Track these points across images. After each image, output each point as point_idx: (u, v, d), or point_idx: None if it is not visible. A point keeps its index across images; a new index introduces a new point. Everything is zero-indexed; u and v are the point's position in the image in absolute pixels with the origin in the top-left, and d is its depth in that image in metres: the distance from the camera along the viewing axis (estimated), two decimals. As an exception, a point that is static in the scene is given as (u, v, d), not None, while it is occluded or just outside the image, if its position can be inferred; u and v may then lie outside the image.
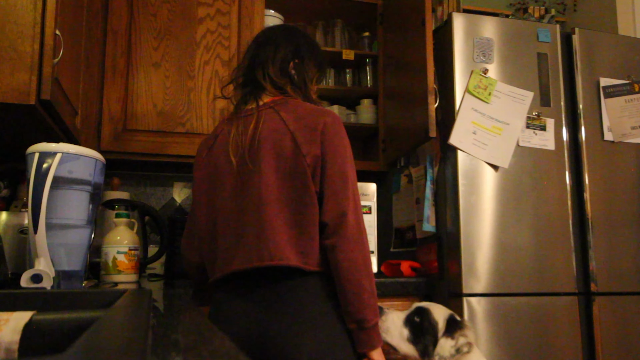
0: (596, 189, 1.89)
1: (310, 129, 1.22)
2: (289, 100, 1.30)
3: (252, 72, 1.35)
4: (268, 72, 1.32)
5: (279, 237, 1.17)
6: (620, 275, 1.87)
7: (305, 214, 1.19)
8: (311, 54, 1.39)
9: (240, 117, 1.31)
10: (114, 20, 1.98)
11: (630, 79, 2.00)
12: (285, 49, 1.35)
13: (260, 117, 1.27)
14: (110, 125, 1.94)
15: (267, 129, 1.24)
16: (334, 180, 1.20)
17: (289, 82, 1.34)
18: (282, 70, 1.33)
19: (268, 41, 1.37)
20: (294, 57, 1.35)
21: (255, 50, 1.37)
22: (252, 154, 1.24)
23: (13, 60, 1.16)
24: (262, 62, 1.33)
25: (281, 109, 1.26)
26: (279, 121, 1.24)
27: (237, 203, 1.25)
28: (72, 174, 1.13)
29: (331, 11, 2.46)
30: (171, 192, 2.33)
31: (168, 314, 0.86)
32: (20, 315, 0.62)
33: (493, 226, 1.77)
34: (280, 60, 1.33)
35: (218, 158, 1.31)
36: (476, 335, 1.70)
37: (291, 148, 1.21)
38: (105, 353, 0.35)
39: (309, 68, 1.38)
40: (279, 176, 1.21)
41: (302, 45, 1.38)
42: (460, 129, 1.80)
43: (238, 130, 1.29)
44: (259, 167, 1.22)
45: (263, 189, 1.20)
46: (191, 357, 0.45)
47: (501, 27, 1.91)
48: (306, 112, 1.26)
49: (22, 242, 1.47)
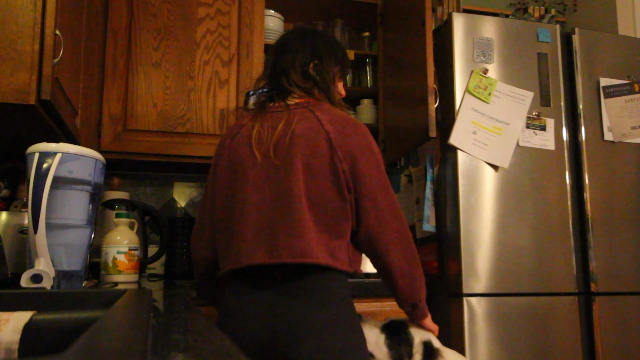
0: (596, 189, 1.89)
1: (345, 136, 1.24)
2: (320, 103, 1.32)
3: (276, 80, 1.36)
4: (292, 79, 1.33)
5: (309, 235, 1.18)
6: (620, 275, 1.87)
7: (336, 216, 1.21)
8: (330, 52, 1.39)
9: (266, 113, 1.32)
10: (114, 20, 1.98)
11: (630, 79, 2.00)
12: (303, 52, 1.36)
13: (292, 115, 1.27)
14: (110, 125, 1.94)
15: (301, 127, 1.24)
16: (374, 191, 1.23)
17: (315, 85, 1.34)
18: (304, 74, 1.34)
19: (285, 49, 1.38)
20: (313, 58, 1.36)
21: (274, 60, 1.38)
22: (280, 150, 1.24)
23: (13, 60, 1.16)
24: (284, 70, 1.35)
25: (315, 109, 1.27)
26: (314, 120, 1.25)
27: (260, 196, 1.24)
28: (72, 174, 1.13)
29: (331, 11, 2.46)
30: (171, 192, 2.33)
31: (168, 314, 0.86)
32: (20, 315, 0.63)
33: (493, 226, 1.77)
34: (301, 64, 1.34)
35: (242, 148, 1.30)
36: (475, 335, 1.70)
37: (326, 147, 1.22)
38: (105, 353, 0.35)
39: (329, 67, 1.37)
40: (311, 174, 1.21)
41: (318, 44, 1.38)
42: (460, 129, 1.80)
43: (263, 125, 1.29)
44: (290, 164, 1.22)
45: (294, 186, 1.20)
46: (191, 357, 0.45)
47: (501, 27, 1.91)
48: (340, 118, 1.28)
49: (22, 242, 1.47)
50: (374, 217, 1.22)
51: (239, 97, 2.06)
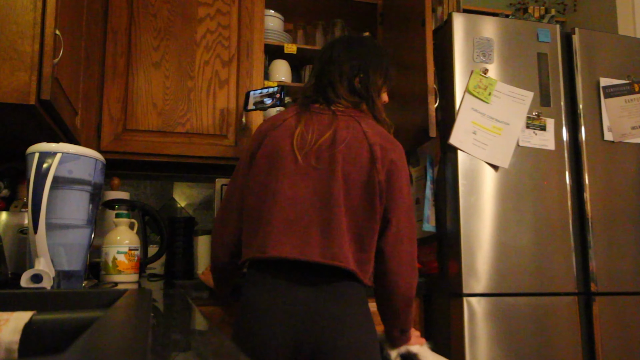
0: (596, 189, 1.89)
1: (386, 150, 1.28)
2: (366, 116, 1.35)
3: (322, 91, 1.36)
4: (338, 93, 1.35)
5: (343, 240, 1.21)
6: (620, 275, 1.87)
7: (367, 226, 1.24)
8: (376, 65, 1.40)
9: (312, 113, 1.33)
10: (114, 20, 1.98)
11: (630, 79, 2.00)
12: (349, 66, 1.36)
13: (340, 122, 1.30)
14: (110, 125, 1.94)
15: (346, 135, 1.27)
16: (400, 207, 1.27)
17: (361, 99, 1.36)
18: (351, 88, 1.36)
19: (331, 60, 1.38)
20: (359, 71, 1.37)
21: (320, 70, 1.40)
22: (323, 153, 1.26)
23: (13, 60, 1.16)
24: (330, 82, 1.36)
25: (362, 121, 1.31)
26: (359, 130, 1.28)
27: (296, 192, 1.25)
28: (72, 174, 1.13)
29: (331, 11, 2.46)
30: (171, 192, 2.33)
31: (168, 314, 0.86)
32: (20, 315, 0.62)
33: (493, 226, 1.77)
34: (347, 79, 1.36)
35: (283, 141, 1.30)
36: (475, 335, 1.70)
37: (368, 159, 1.25)
38: (105, 353, 0.35)
39: (374, 79, 1.38)
40: (350, 183, 1.24)
41: (364, 56, 1.39)
42: (460, 129, 1.80)
43: (308, 126, 1.30)
44: (331, 169, 1.24)
45: (335, 191, 1.23)
46: (191, 357, 0.45)
47: (501, 27, 1.91)
48: (384, 134, 1.32)
49: (22, 242, 1.47)
50: (394, 232, 1.26)
51: (239, 97, 2.06)
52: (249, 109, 1.91)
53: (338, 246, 1.19)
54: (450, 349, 1.76)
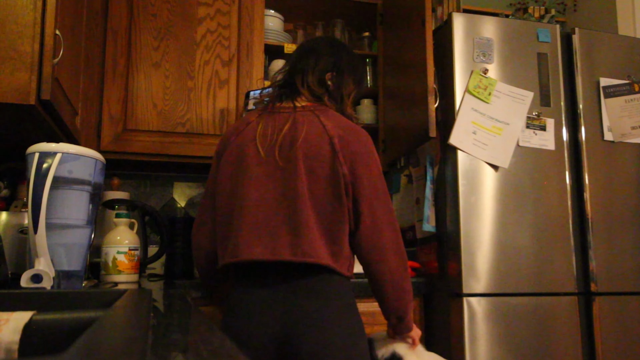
0: (596, 189, 1.89)
1: (347, 142, 1.27)
2: (327, 108, 1.35)
3: (291, 77, 1.39)
4: (307, 80, 1.37)
5: (312, 236, 1.21)
6: (620, 275, 1.87)
7: (335, 220, 1.24)
8: (351, 70, 1.43)
9: (273, 113, 1.34)
10: (114, 20, 1.98)
11: (630, 79, 2.00)
12: (326, 60, 1.40)
13: (298, 118, 1.31)
14: (110, 125, 1.94)
15: (305, 131, 1.28)
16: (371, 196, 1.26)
17: (326, 92, 1.38)
18: (320, 80, 1.38)
19: (311, 51, 1.42)
20: (333, 68, 1.40)
21: (297, 58, 1.42)
22: (284, 151, 1.27)
23: (13, 60, 1.16)
24: (302, 70, 1.38)
25: (321, 114, 1.31)
26: (319, 125, 1.29)
27: (261, 193, 1.26)
28: (72, 174, 1.13)
29: (331, 11, 2.46)
30: (171, 192, 2.33)
31: (168, 314, 0.86)
32: (20, 315, 0.62)
33: (493, 226, 1.77)
34: (320, 70, 1.38)
35: (247, 146, 1.32)
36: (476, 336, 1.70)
37: (329, 153, 1.25)
38: (105, 353, 0.35)
39: (347, 83, 1.42)
40: (314, 178, 1.24)
41: (343, 59, 1.42)
42: (460, 129, 1.80)
43: (268, 124, 1.32)
44: (293, 166, 1.25)
45: (299, 187, 1.23)
46: (191, 357, 0.45)
47: (501, 27, 1.91)
48: (345, 124, 1.31)
49: (22, 242, 1.47)
50: (370, 222, 1.25)
51: (239, 97, 2.06)
52: (249, 109, 1.91)
53: (308, 243, 1.20)
54: (450, 349, 1.76)
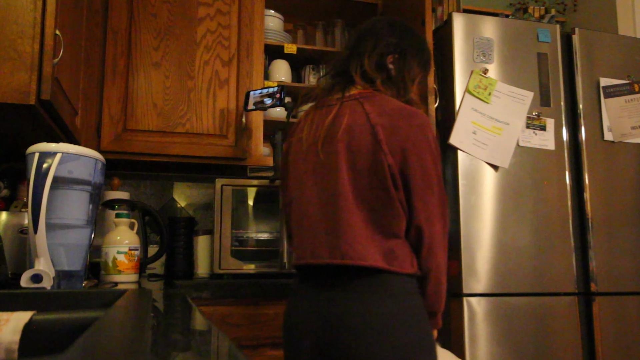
0: (596, 189, 1.89)
1: (395, 128, 1.14)
2: (376, 94, 1.22)
3: (347, 63, 1.27)
4: (362, 64, 1.24)
5: (354, 235, 1.12)
6: (620, 275, 1.87)
7: (386, 215, 1.14)
8: (416, 52, 1.30)
9: (322, 107, 1.26)
10: (114, 20, 1.98)
11: (630, 79, 2.00)
12: (387, 41, 1.26)
13: (341, 109, 1.20)
14: (110, 125, 1.94)
15: (346, 122, 1.18)
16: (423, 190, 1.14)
17: (384, 77, 1.24)
18: (379, 63, 1.24)
19: (370, 32, 1.28)
20: (395, 50, 1.26)
21: (355, 42, 1.29)
22: (326, 145, 1.19)
23: (13, 60, 1.16)
24: (359, 54, 1.25)
25: (365, 102, 1.19)
26: (362, 113, 1.17)
27: (303, 193, 1.22)
28: (72, 174, 1.13)
29: (331, 11, 2.46)
30: (171, 192, 2.33)
31: (168, 314, 0.86)
32: (20, 315, 0.62)
33: (493, 226, 1.77)
34: (379, 53, 1.25)
35: (296, 144, 1.29)
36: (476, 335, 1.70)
37: (370, 143, 1.14)
38: (105, 353, 0.35)
39: (411, 66, 1.28)
40: (355, 172, 1.15)
41: (406, 39, 1.29)
42: (460, 129, 1.80)
43: (314, 120, 1.25)
44: (334, 161, 1.17)
45: (339, 183, 1.15)
46: (191, 357, 0.45)
47: (501, 27, 1.91)
48: (392, 109, 1.17)
49: (22, 242, 1.47)
50: (423, 219, 1.15)
51: (239, 97, 2.06)
52: (249, 109, 1.91)
53: (348, 243, 1.12)
54: (450, 348, 1.76)
